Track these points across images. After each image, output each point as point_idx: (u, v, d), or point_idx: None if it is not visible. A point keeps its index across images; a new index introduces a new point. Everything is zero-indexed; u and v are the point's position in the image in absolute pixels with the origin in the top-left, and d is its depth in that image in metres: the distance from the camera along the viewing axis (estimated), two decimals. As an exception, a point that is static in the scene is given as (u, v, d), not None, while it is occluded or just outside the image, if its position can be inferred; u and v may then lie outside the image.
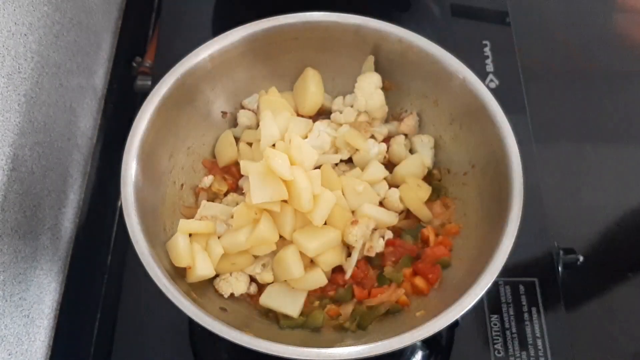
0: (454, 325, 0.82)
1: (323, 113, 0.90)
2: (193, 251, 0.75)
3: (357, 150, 0.84)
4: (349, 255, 0.79)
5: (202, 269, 0.74)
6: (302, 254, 0.75)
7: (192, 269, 0.74)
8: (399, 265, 0.78)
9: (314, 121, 0.86)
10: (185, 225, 0.76)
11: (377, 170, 0.83)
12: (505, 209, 0.71)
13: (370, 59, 0.86)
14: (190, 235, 0.76)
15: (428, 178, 0.86)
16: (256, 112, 0.88)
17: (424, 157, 0.85)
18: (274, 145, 0.79)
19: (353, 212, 0.79)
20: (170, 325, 0.83)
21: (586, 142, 1.08)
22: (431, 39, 0.82)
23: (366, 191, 0.80)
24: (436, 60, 0.81)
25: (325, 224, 0.76)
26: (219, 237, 0.77)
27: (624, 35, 1.11)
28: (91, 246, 0.92)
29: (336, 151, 0.84)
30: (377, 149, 0.84)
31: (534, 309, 0.82)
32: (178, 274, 0.74)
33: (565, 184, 1.02)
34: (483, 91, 0.78)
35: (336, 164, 0.84)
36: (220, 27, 0.98)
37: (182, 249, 0.73)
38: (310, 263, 0.77)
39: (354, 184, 0.79)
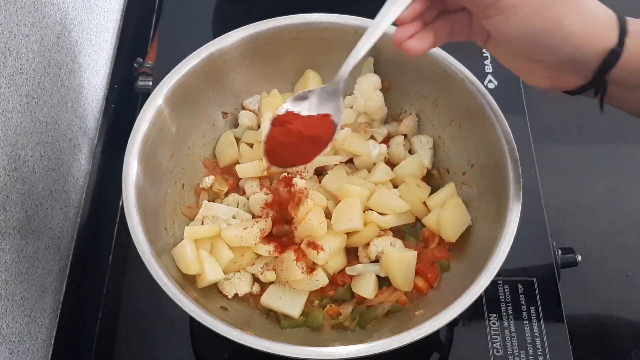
0: (453, 324, 0.83)
1: (323, 114, 0.90)
2: (200, 257, 0.75)
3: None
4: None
5: (212, 274, 0.74)
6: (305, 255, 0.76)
7: (202, 275, 0.74)
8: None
9: (313, 122, 0.86)
10: (191, 231, 0.76)
11: (384, 172, 0.83)
12: (504, 209, 0.71)
13: (370, 61, 0.86)
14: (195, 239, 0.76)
15: (427, 178, 0.86)
16: (257, 113, 0.88)
17: (423, 157, 0.85)
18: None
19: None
20: (171, 323, 0.83)
21: (585, 142, 1.08)
22: (430, 40, 0.82)
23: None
24: (435, 61, 0.81)
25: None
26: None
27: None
28: (92, 246, 0.93)
29: (336, 152, 0.84)
30: (377, 150, 0.85)
31: (532, 309, 0.83)
32: (180, 273, 0.74)
33: (563, 184, 1.03)
34: (482, 92, 0.78)
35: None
36: (220, 28, 0.98)
37: (190, 257, 0.73)
38: (312, 264, 0.77)
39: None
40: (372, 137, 0.87)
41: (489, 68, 1.02)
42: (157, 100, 0.78)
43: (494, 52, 0.67)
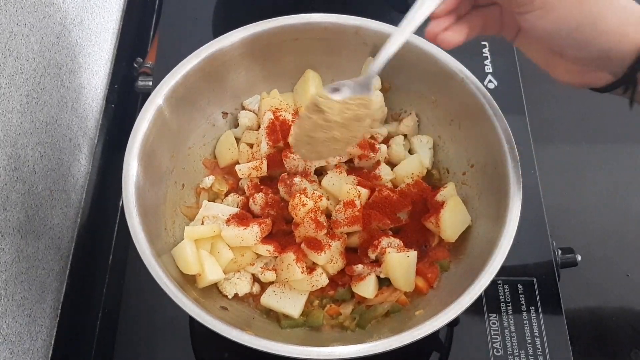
0: (453, 324, 0.83)
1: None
2: (200, 257, 0.75)
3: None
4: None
5: (212, 274, 0.75)
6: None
7: (202, 275, 0.74)
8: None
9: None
10: (191, 231, 0.76)
11: (386, 173, 0.83)
12: (504, 209, 0.72)
13: (370, 61, 0.86)
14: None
15: (427, 178, 0.86)
16: (257, 113, 0.88)
17: (422, 157, 0.85)
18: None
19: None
20: (171, 324, 0.83)
21: (584, 142, 1.08)
22: (430, 40, 0.82)
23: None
24: (435, 61, 0.81)
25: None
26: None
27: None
28: (93, 246, 0.93)
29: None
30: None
31: (532, 309, 0.83)
32: (180, 273, 0.74)
33: (563, 184, 1.03)
34: (482, 92, 0.78)
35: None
36: (220, 28, 0.98)
37: (190, 257, 0.73)
38: (312, 264, 0.77)
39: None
40: (373, 138, 0.87)
41: (489, 68, 1.02)
42: (157, 100, 0.78)
43: (523, 46, 0.67)
